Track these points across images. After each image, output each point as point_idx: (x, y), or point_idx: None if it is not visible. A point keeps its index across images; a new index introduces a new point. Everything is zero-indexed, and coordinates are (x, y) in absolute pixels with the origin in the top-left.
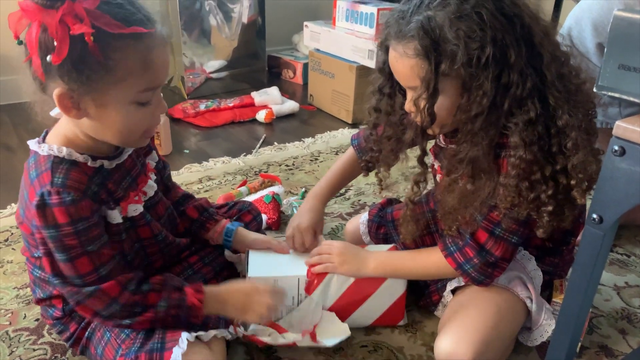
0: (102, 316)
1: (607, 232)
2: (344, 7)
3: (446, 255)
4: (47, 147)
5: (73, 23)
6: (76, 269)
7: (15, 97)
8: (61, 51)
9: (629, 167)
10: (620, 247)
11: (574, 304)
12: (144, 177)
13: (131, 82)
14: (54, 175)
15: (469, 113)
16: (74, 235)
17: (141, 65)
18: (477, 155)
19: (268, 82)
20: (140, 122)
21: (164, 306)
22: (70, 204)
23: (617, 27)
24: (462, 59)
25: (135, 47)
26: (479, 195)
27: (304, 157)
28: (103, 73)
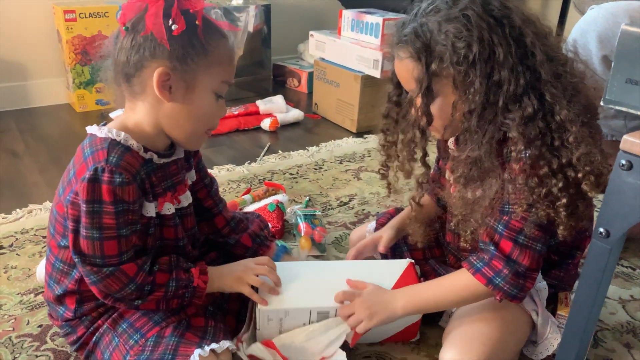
0: (115, 298)
1: (614, 246)
2: (350, 17)
3: (474, 272)
4: (107, 129)
5: (190, 4)
6: (103, 249)
7: (22, 102)
8: (181, 23)
9: (636, 182)
10: (626, 260)
11: (580, 318)
12: (183, 187)
13: (218, 70)
14: (110, 154)
15: (463, 110)
16: (113, 215)
17: (227, 58)
18: (478, 154)
19: (273, 91)
20: (212, 114)
21: (173, 286)
22: (119, 185)
23: (625, 41)
24: (450, 58)
25: (225, 43)
26: (487, 195)
27: (308, 166)
28: (202, 55)
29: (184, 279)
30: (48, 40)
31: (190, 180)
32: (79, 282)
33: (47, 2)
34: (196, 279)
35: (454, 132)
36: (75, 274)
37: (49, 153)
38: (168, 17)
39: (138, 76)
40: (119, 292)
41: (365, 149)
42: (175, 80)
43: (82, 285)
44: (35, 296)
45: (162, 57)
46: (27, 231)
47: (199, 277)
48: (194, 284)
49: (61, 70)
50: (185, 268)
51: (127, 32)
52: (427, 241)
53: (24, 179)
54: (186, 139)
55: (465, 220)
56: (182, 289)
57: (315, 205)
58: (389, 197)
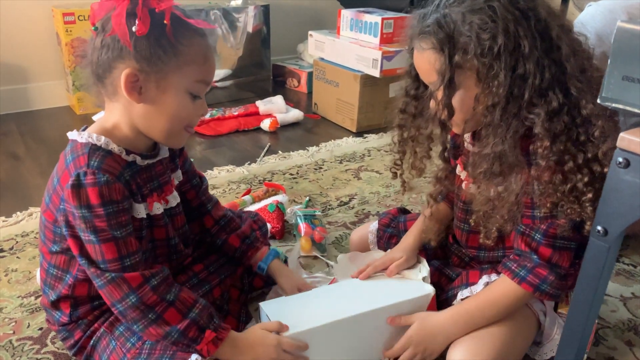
0: (118, 309)
1: (612, 245)
2: (349, 16)
3: (519, 281)
4: (87, 134)
5: (156, 3)
6: (102, 253)
7: (23, 105)
8: (145, 23)
9: (633, 180)
10: (627, 258)
11: (579, 317)
12: (170, 186)
13: (191, 70)
14: (90, 159)
15: (486, 104)
16: (104, 218)
17: (202, 58)
18: (502, 149)
19: (273, 91)
20: (188, 114)
21: (175, 337)
22: (104, 184)
23: (621, 38)
24: (474, 50)
25: (199, 41)
26: (513, 191)
27: (308, 166)
28: (171, 55)
29: (189, 337)
30: (48, 43)
31: (176, 179)
32: (73, 286)
33: (46, 5)
34: (203, 343)
35: (475, 126)
36: (69, 279)
37: (50, 156)
38: (134, 17)
39: (109, 77)
40: (120, 303)
41: (365, 149)
42: (145, 81)
43: (75, 289)
44: (35, 299)
45: (129, 57)
46: (28, 234)
47: (207, 344)
48: (197, 346)
49: (61, 73)
50: (200, 325)
51: (97, 32)
52: (440, 240)
53: (25, 182)
54: (164, 138)
55: (487, 217)
56: (183, 344)
57: (316, 206)
58: (403, 195)
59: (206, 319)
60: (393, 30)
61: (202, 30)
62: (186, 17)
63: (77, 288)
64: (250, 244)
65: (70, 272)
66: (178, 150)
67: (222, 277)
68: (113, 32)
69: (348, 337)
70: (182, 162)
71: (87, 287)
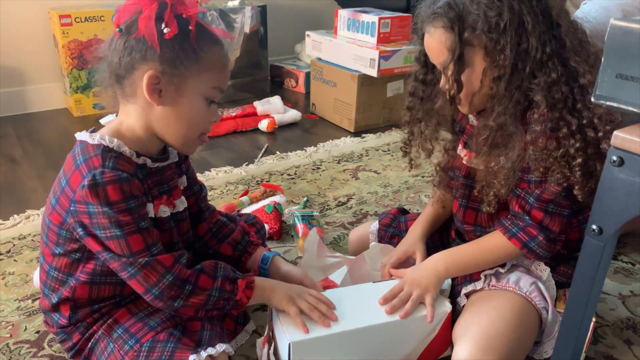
0: (154, 294)
1: (608, 243)
2: (346, 16)
3: (509, 237)
4: (99, 136)
5: (184, 9)
6: (130, 246)
7: (20, 108)
8: (174, 26)
9: (628, 178)
10: (625, 256)
11: (575, 316)
12: (178, 191)
13: (209, 76)
14: (104, 160)
15: (492, 76)
16: (127, 212)
17: (220, 65)
18: (504, 120)
19: (271, 92)
20: (203, 119)
21: (216, 296)
22: (125, 180)
23: (614, 36)
24: (482, 26)
25: (218, 50)
26: (510, 158)
27: (306, 166)
28: (193, 61)
29: (227, 290)
30: (44, 45)
31: (182, 185)
32: (74, 289)
33: (42, 7)
34: (240, 292)
35: (480, 104)
36: (71, 282)
37: (47, 158)
38: (161, 20)
39: (129, 78)
40: (157, 285)
41: (363, 149)
42: (165, 84)
43: (77, 292)
44: (32, 302)
45: (153, 60)
46: (25, 237)
47: (243, 291)
48: (236, 297)
49: (58, 75)
50: (231, 278)
51: (120, 34)
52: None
53: (22, 185)
54: (179, 143)
55: (488, 186)
56: (224, 300)
57: (314, 206)
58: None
59: (232, 272)
60: (390, 29)
61: (221, 40)
62: (207, 25)
63: (79, 291)
64: (243, 250)
65: (73, 275)
66: (184, 156)
67: None
68: (139, 33)
69: (357, 346)
70: (186, 168)
71: (88, 289)
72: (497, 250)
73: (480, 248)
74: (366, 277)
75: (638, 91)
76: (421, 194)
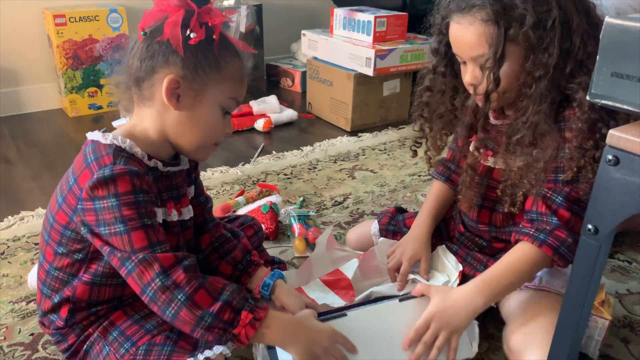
0: (148, 294)
1: (604, 243)
2: (342, 15)
3: (539, 244)
4: (112, 136)
5: (210, 18)
6: (131, 242)
7: (14, 109)
8: (199, 33)
9: (623, 177)
10: (622, 254)
11: (571, 316)
12: (186, 199)
13: (228, 86)
14: (116, 159)
15: (534, 75)
16: (133, 205)
17: (238, 77)
18: (538, 118)
19: (267, 91)
20: (218, 129)
21: (208, 322)
22: (135, 174)
23: (609, 34)
24: (530, 22)
25: (238, 61)
26: (542, 158)
27: (302, 166)
28: (214, 69)
29: (224, 320)
30: (39, 45)
31: (190, 194)
32: (76, 289)
33: (37, 6)
34: (240, 326)
35: (509, 100)
36: (73, 281)
37: (42, 159)
38: (186, 27)
39: (148, 80)
40: (149, 286)
41: (359, 148)
42: (184, 89)
43: (77, 292)
44: (27, 304)
45: (175, 64)
46: (19, 238)
47: (245, 326)
48: (234, 331)
49: (53, 75)
50: (234, 306)
51: (144, 37)
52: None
53: (17, 186)
54: (192, 150)
55: (514, 186)
56: (219, 330)
57: (310, 206)
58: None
59: (240, 300)
60: (386, 28)
61: (241, 52)
62: (229, 37)
63: (79, 291)
64: (243, 270)
65: (76, 275)
66: (194, 165)
67: None
68: (163, 37)
69: None
70: (195, 177)
71: (89, 290)
72: (528, 265)
73: (511, 268)
74: (376, 272)
75: (633, 90)
76: (417, 193)
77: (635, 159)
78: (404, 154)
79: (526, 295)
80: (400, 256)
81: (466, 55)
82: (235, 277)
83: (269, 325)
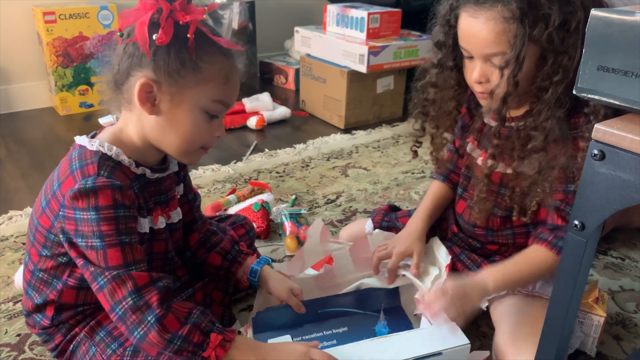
0: (117, 313)
1: (590, 239)
2: (335, 11)
3: (557, 252)
4: (98, 143)
5: (182, 16)
6: (106, 259)
7: (4, 107)
8: (167, 33)
9: (609, 172)
10: (615, 251)
11: (559, 313)
12: (175, 202)
13: (209, 88)
14: (100, 168)
15: (552, 78)
16: (112, 221)
17: (223, 78)
18: (552, 124)
19: (260, 88)
20: (202, 134)
21: (177, 344)
22: (118, 188)
23: (595, 27)
24: (555, 22)
25: (222, 61)
26: (557, 164)
27: (294, 164)
28: (190, 70)
29: (194, 342)
30: (28, 43)
31: (179, 193)
32: (61, 292)
33: (26, 4)
34: (210, 349)
35: (520, 102)
36: (58, 285)
37: (32, 158)
38: (158, 26)
39: (126, 84)
40: (120, 304)
41: (353, 145)
42: (160, 93)
43: (63, 296)
44: (14, 305)
45: (147, 67)
46: (7, 238)
47: (215, 348)
48: (204, 354)
49: (43, 73)
50: (203, 329)
51: (122, 38)
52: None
53: (6, 185)
54: (176, 155)
55: (524, 194)
56: (188, 352)
57: (302, 204)
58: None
59: (208, 323)
60: (379, 25)
61: (229, 51)
62: (213, 35)
63: (65, 295)
64: (233, 259)
65: (60, 278)
66: (182, 164)
67: (205, 279)
68: (135, 39)
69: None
70: (184, 175)
71: (74, 294)
72: (543, 268)
73: (527, 267)
74: (368, 262)
75: (618, 83)
76: (411, 191)
77: (620, 154)
78: (398, 152)
79: (518, 301)
80: (391, 249)
81: (478, 51)
82: (225, 267)
83: (239, 346)
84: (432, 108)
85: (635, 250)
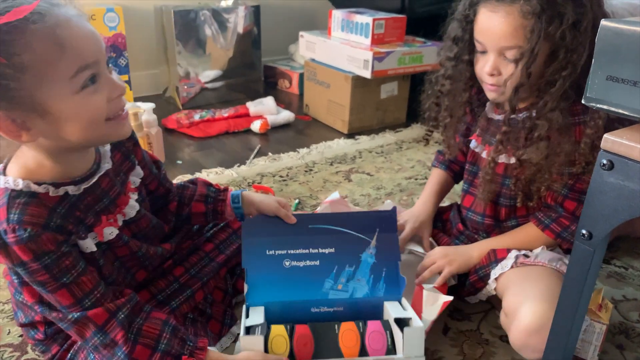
0: (91, 347)
1: (597, 248)
2: (340, 17)
3: (543, 228)
4: (4, 179)
5: None
6: (58, 301)
7: None
8: None
9: (617, 182)
10: (618, 260)
11: (565, 321)
12: (124, 197)
13: (55, 73)
14: (10, 211)
15: (561, 73)
16: (43, 271)
17: (54, 50)
18: (557, 115)
19: (264, 92)
20: (96, 109)
21: None
22: (28, 240)
23: (604, 37)
24: (569, 20)
25: (39, 35)
26: (562, 152)
27: (298, 168)
28: (19, 75)
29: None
30: None
31: (137, 177)
32: (46, 318)
33: None
34: None
35: (526, 95)
36: (39, 308)
37: None
38: None
39: None
40: (89, 342)
41: (356, 150)
42: (25, 117)
43: (49, 320)
44: None
45: None
46: None
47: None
48: None
49: None
50: (174, 354)
51: None
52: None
53: None
54: (95, 140)
55: (530, 181)
56: None
57: (305, 208)
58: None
59: (178, 346)
60: (384, 31)
61: (34, 17)
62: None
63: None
64: (215, 199)
65: (40, 302)
66: (131, 145)
67: (205, 279)
68: None
69: None
70: (140, 156)
71: None
72: (532, 240)
73: (515, 240)
74: None
75: (628, 93)
76: (414, 197)
77: (629, 164)
78: (401, 157)
79: (522, 269)
80: (404, 222)
81: (494, 45)
82: (210, 209)
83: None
84: (446, 99)
85: (638, 260)
